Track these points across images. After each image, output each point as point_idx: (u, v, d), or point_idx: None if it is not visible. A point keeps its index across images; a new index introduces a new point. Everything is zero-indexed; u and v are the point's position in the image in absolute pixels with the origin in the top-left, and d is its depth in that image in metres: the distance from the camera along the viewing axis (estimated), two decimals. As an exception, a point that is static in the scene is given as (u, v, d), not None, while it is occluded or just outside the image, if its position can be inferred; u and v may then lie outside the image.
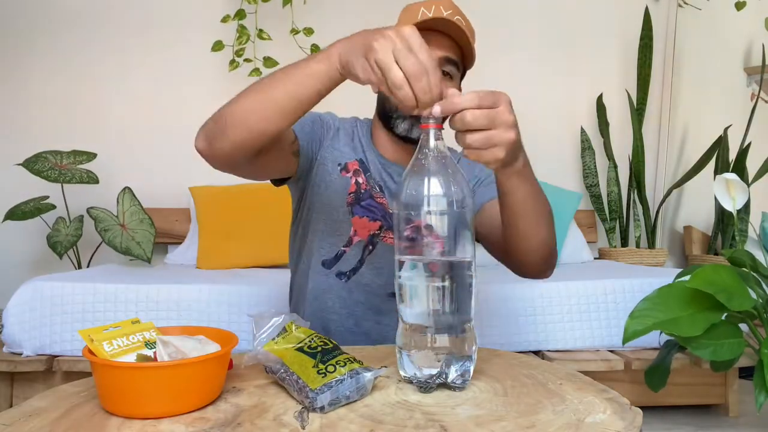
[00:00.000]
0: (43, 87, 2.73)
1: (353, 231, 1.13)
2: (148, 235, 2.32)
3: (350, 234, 1.13)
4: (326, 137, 1.15)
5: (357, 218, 1.12)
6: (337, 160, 1.14)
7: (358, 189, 1.13)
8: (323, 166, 1.13)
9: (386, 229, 1.13)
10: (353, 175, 1.14)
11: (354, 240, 1.13)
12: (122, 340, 0.70)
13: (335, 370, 0.68)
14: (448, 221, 0.70)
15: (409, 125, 1.09)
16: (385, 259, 1.13)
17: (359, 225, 1.12)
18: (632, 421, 0.61)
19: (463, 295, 0.71)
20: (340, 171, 1.14)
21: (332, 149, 1.14)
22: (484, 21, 2.94)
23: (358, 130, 1.19)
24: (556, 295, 1.92)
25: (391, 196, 1.13)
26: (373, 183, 1.14)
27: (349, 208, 1.13)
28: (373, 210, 1.13)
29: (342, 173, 1.13)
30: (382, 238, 1.13)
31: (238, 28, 2.59)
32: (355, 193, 1.13)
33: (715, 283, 1.44)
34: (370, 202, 1.13)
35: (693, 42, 3.05)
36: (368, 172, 1.15)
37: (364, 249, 1.13)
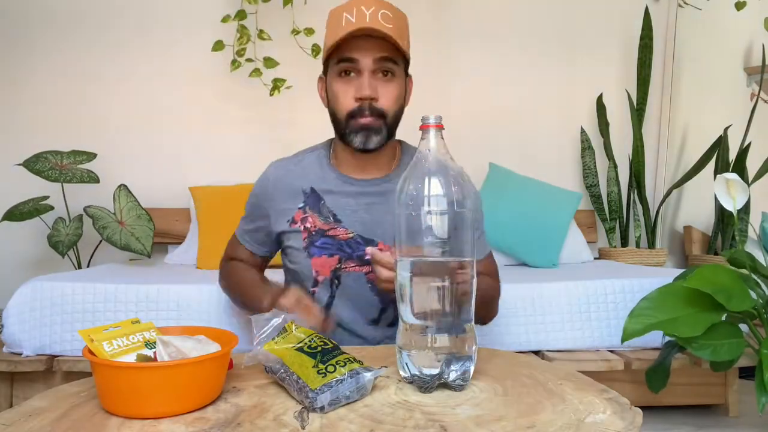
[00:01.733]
0: (43, 87, 2.73)
1: (315, 272, 1.15)
2: (147, 230, 2.32)
3: (314, 275, 1.15)
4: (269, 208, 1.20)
5: (315, 258, 1.15)
6: (286, 217, 1.17)
7: (309, 234, 1.15)
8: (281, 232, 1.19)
9: (346, 260, 1.14)
10: (300, 223, 1.16)
11: (319, 279, 1.15)
12: (122, 340, 0.70)
13: (335, 370, 0.68)
14: (448, 221, 0.70)
15: (363, 137, 1.08)
16: (354, 288, 1.14)
17: (319, 264, 1.15)
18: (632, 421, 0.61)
19: (463, 295, 0.71)
20: (289, 224, 1.17)
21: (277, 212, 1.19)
22: (484, 21, 2.96)
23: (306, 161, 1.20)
24: (556, 295, 1.92)
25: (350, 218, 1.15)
26: (323, 218, 1.15)
27: (306, 251, 1.15)
28: (328, 246, 1.14)
29: (291, 226, 1.17)
30: (343, 269, 1.14)
31: (239, 29, 2.59)
32: (307, 238, 1.15)
33: (714, 283, 1.44)
34: (323, 240, 1.14)
35: (693, 42, 3.05)
36: (316, 208, 1.15)
37: (330, 285, 1.15)
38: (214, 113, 2.79)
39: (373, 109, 1.05)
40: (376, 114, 1.05)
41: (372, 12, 1.03)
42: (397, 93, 1.08)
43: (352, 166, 1.15)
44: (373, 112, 1.05)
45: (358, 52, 1.04)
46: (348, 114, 1.07)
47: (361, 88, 1.04)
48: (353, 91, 1.05)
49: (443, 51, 2.86)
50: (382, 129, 1.07)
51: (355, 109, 1.06)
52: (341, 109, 1.08)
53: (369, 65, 1.04)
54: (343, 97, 1.07)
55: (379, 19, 1.03)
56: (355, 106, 1.06)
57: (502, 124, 2.89)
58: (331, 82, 1.09)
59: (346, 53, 1.05)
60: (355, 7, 1.03)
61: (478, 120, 2.82)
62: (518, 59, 2.96)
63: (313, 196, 1.16)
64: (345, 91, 1.07)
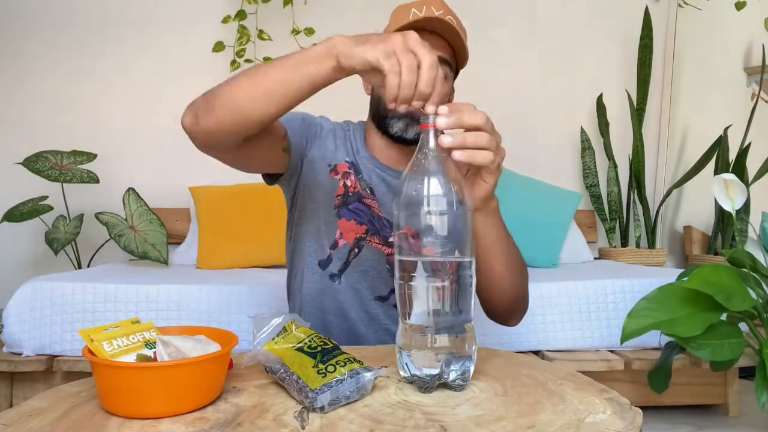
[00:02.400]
0: (43, 87, 2.73)
1: (339, 234, 1.11)
2: (160, 237, 2.31)
3: (336, 237, 1.12)
4: (317, 136, 1.14)
5: (344, 221, 1.11)
6: (327, 161, 1.13)
7: (346, 191, 1.12)
8: (312, 165, 1.11)
9: (372, 234, 1.12)
10: (342, 178, 1.12)
11: (339, 243, 1.12)
12: (122, 340, 0.70)
13: (335, 370, 0.68)
14: (448, 221, 0.70)
15: (404, 125, 1.08)
16: (371, 262, 1.12)
17: (345, 228, 1.11)
18: (632, 421, 0.61)
19: (463, 295, 0.71)
20: (330, 172, 1.12)
21: (323, 149, 1.13)
22: (484, 21, 2.96)
23: (351, 134, 1.18)
24: (556, 295, 1.92)
25: (382, 199, 1.13)
26: (364, 185, 1.13)
27: (336, 210, 1.11)
28: (360, 213, 1.12)
29: (331, 174, 1.12)
30: (368, 241, 1.12)
31: (239, 29, 2.59)
32: (342, 196, 1.12)
33: (714, 283, 1.45)
34: (358, 205, 1.12)
35: (693, 42, 3.05)
36: (360, 174, 1.13)
37: (349, 252, 1.12)
38: (214, 113, 2.79)
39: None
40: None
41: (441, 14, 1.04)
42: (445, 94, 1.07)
43: (384, 154, 1.14)
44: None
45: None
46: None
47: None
48: None
49: (443, 51, 2.86)
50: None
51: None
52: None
53: None
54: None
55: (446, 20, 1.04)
56: None
57: (502, 124, 2.87)
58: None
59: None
60: (425, 5, 1.04)
61: (478, 120, 2.82)
62: (518, 59, 2.96)
63: (353, 167, 1.14)
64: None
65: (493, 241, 0.89)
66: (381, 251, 1.12)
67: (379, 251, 1.12)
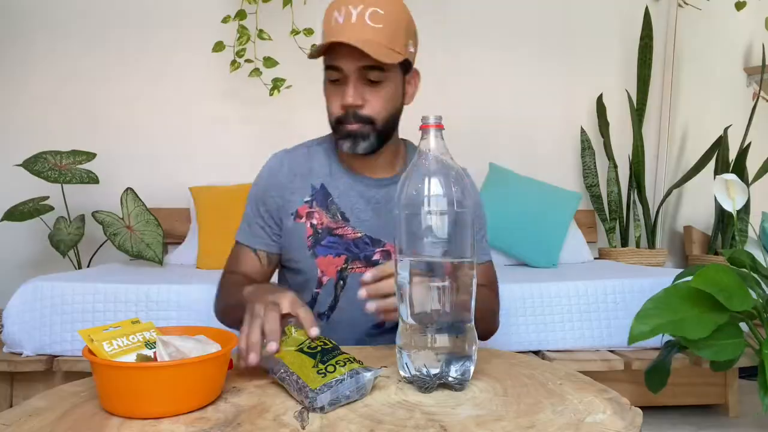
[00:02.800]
0: (42, 87, 2.73)
1: (320, 272, 1.13)
2: (156, 237, 2.31)
3: (318, 276, 1.13)
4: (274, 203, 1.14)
5: (321, 258, 1.12)
6: (288, 212, 1.14)
7: (314, 231, 1.13)
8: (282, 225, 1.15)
9: (352, 260, 1.12)
10: (306, 219, 1.13)
11: (323, 280, 1.13)
12: (122, 340, 0.70)
13: (335, 370, 0.68)
14: (448, 221, 0.70)
15: (350, 143, 1.06)
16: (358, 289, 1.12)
17: (324, 264, 1.12)
18: (632, 421, 0.61)
19: (464, 295, 0.71)
20: (294, 219, 1.13)
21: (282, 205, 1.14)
22: (484, 21, 2.96)
23: (313, 155, 1.16)
24: (556, 295, 1.92)
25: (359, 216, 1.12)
26: (334, 210, 1.12)
27: (312, 251, 1.13)
28: (335, 246, 1.12)
29: (296, 221, 1.13)
30: (350, 270, 1.12)
31: (239, 29, 2.59)
32: (312, 236, 1.12)
33: (715, 283, 1.44)
34: (330, 239, 1.12)
35: (693, 42, 3.05)
36: (329, 199, 1.13)
37: (335, 287, 1.13)
38: (214, 113, 2.79)
39: (358, 116, 1.04)
40: (361, 121, 1.04)
41: (359, 12, 0.99)
42: (386, 98, 1.05)
43: (356, 163, 1.14)
44: (359, 119, 1.04)
45: (340, 60, 1.02)
46: (335, 120, 1.06)
47: (346, 95, 1.03)
48: (340, 98, 1.04)
49: (443, 51, 2.86)
50: (370, 135, 1.05)
51: (342, 116, 1.05)
52: (330, 114, 1.08)
53: (352, 73, 1.02)
54: (332, 103, 1.06)
55: (366, 19, 0.99)
56: (341, 113, 1.05)
57: (502, 124, 2.89)
58: (324, 86, 1.09)
59: (331, 61, 1.03)
60: (344, 5, 1.00)
61: (478, 120, 2.82)
62: (518, 59, 2.96)
63: (321, 192, 1.13)
64: (333, 98, 1.06)
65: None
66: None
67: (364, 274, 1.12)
